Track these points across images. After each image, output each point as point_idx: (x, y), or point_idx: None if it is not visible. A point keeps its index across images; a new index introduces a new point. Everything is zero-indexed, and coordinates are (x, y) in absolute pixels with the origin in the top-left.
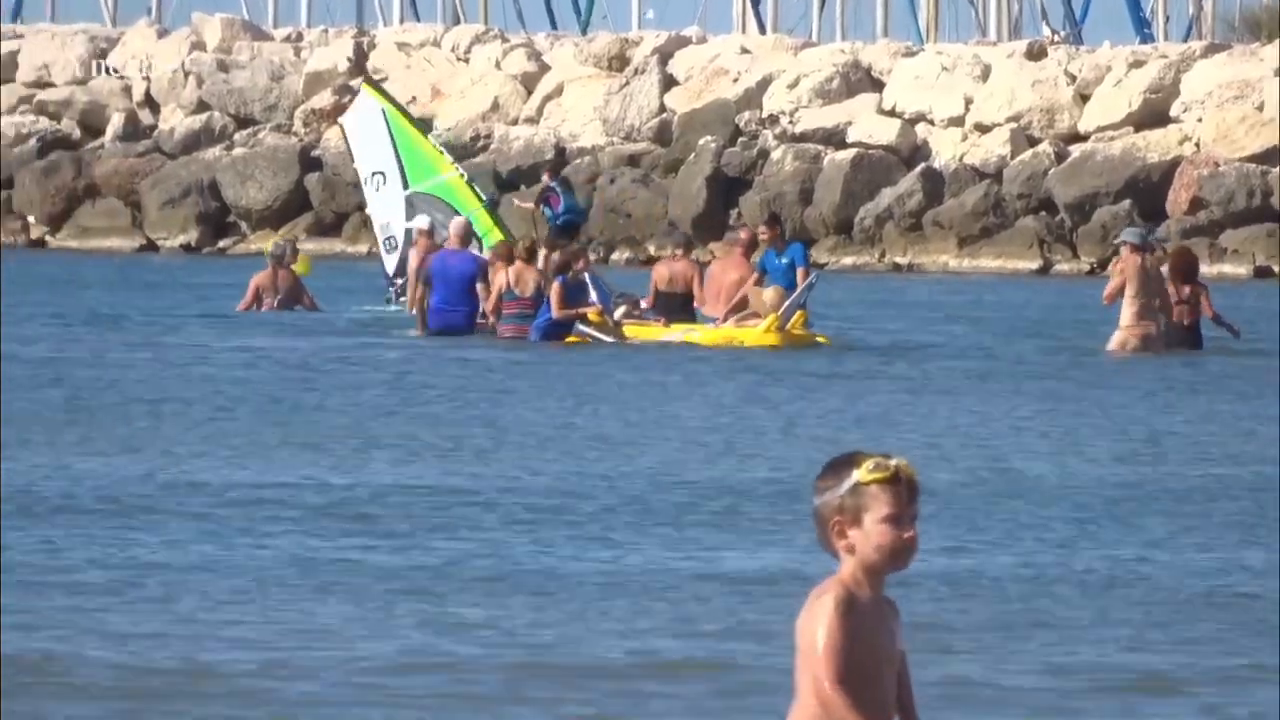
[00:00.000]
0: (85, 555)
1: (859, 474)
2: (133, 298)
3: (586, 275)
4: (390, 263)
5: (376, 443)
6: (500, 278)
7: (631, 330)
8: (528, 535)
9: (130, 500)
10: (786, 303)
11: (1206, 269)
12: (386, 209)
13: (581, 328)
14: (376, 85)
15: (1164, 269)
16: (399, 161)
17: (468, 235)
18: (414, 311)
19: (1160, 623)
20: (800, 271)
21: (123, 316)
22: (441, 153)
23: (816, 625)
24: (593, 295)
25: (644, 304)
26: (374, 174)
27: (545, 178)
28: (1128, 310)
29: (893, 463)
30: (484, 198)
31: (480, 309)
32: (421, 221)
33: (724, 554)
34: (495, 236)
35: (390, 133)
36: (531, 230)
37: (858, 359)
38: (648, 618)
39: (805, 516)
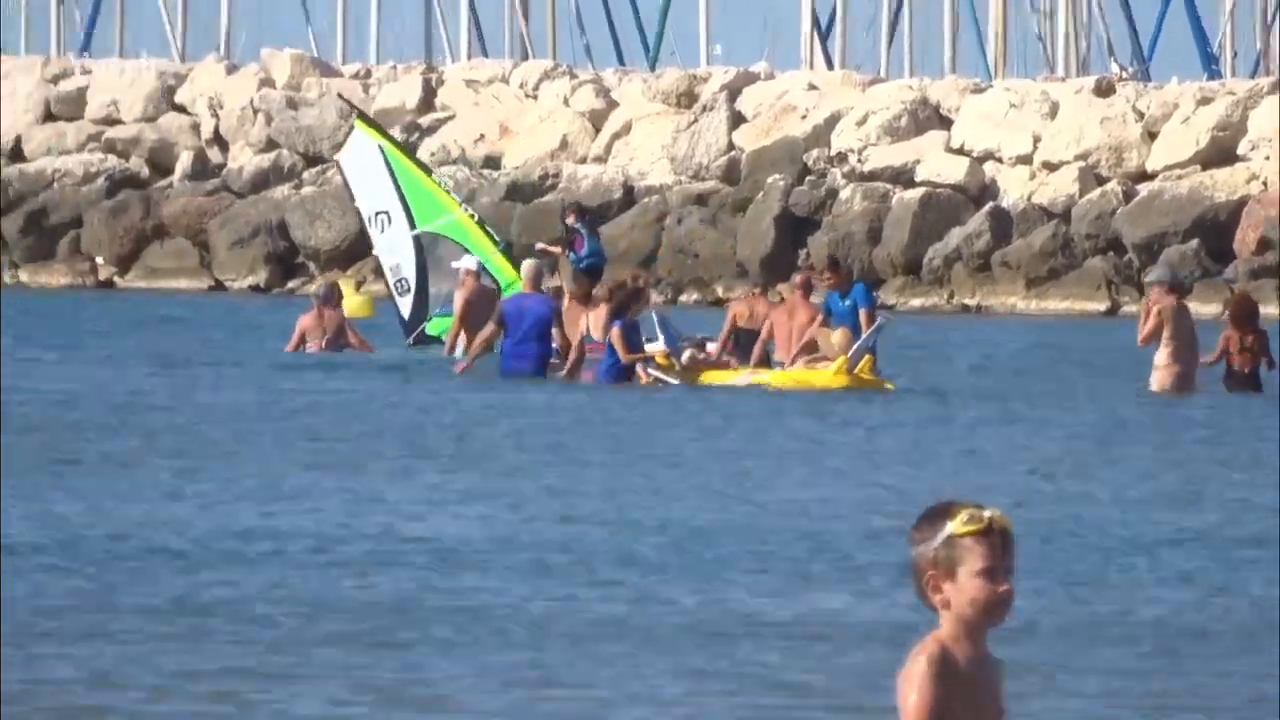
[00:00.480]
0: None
1: (953, 526)
2: (210, 336)
3: (654, 317)
4: (404, 305)
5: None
6: (583, 321)
7: (700, 374)
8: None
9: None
10: (855, 346)
11: (1275, 310)
12: (394, 250)
13: (650, 370)
14: (371, 122)
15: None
16: (403, 200)
17: (539, 278)
18: (457, 353)
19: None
20: (864, 313)
21: (196, 356)
22: (448, 191)
23: (910, 685)
24: (660, 337)
25: (711, 347)
26: (377, 214)
27: (570, 219)
28: (1163, 350)
29: (986, 514)
30: (499, 240)
31: (553, 352)
32: (469, 262)
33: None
34: (513, 278)
35: (391, 171)
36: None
37: (919, 402)
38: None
39: None
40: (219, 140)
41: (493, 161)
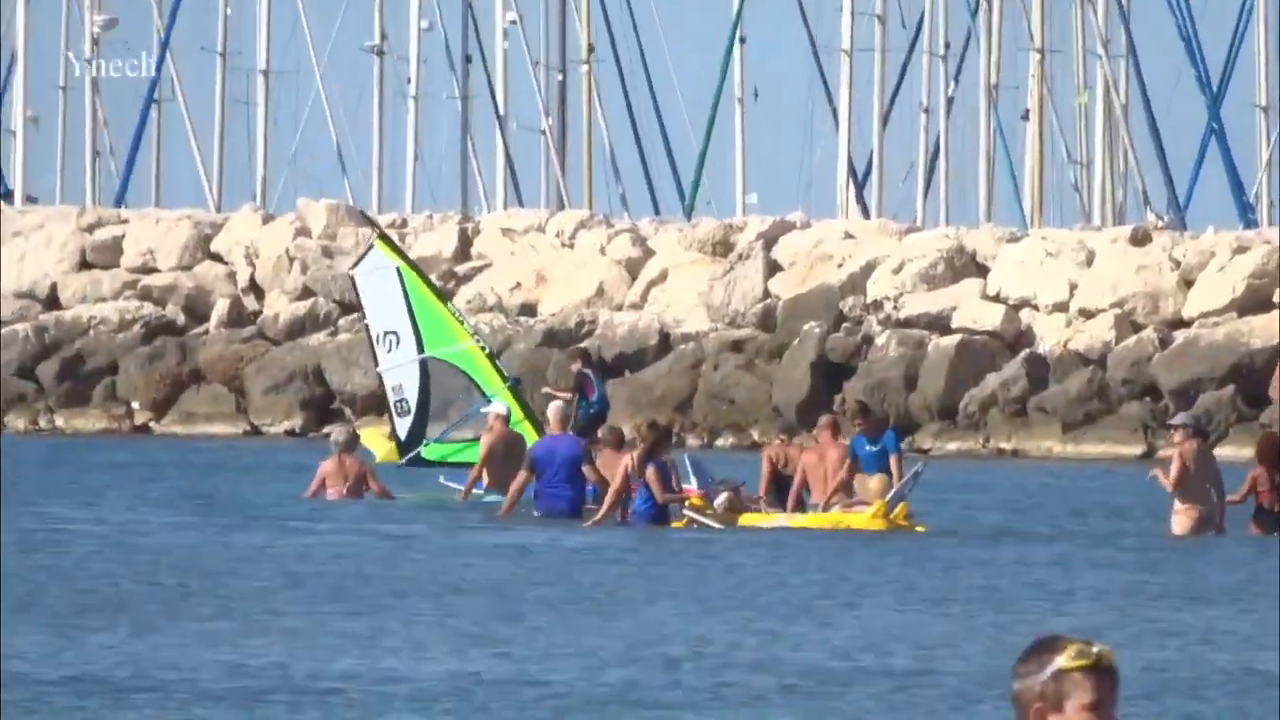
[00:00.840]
0: None
1: (1062, 660)
2: (241, 481)
3: (687, 459)
4: (402, 426)
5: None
6: (625, 461)
7: (736, 516)
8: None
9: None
10: (892, 493)
11: None
12: (399, 371)
13: (687, 512)
14: (390, 242)
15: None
16: (414, 324)
17: (566, 419)
18: (469, 489)
19: None
20: (894, 459)
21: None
22: (461, 321)
23: None
24: (693, 480)
25: (745, 491)
26: (386, 333)
27: (576, 365)
28: (1183, 494)
29: (1095, 649)
30: (507, 377)
31: (587, 494)
32: (499, 406)
33: None
34: (518, 417)
35: (405, 293)
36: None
37: (953, 547)
38: None
39: None
40: (255, 288)
41: (529, 309)
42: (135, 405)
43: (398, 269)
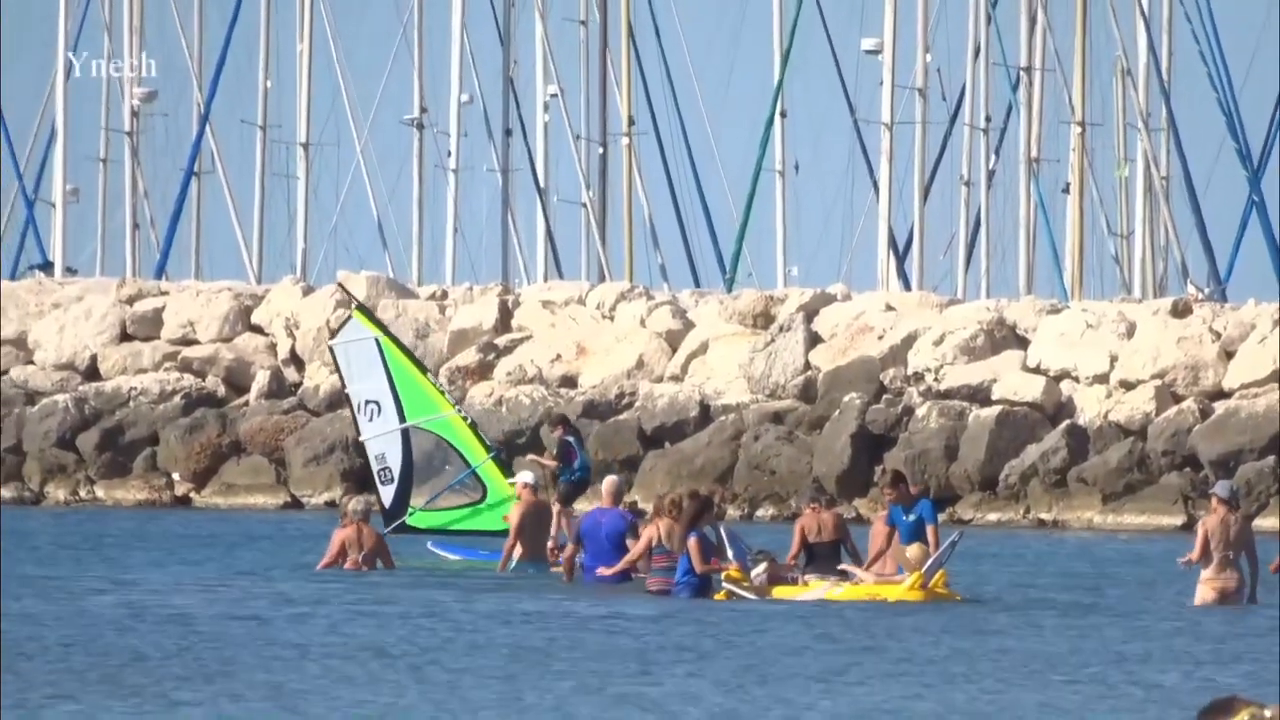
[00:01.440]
0: None
1: None
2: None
3: (722, 530)
4: (386, 495)
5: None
6: (650, 530)
7: (773, 588)
8: None
9: None
10: (929, 562)
11: None
12: (381, 440)
13: (726, 585)
14: (369, 313)
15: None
16: (394, 393)
17: (619, 494)
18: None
19: None
20: (930, 530)
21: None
22: (442, 392)
23: None
24: (729, 551)
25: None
26: (368, 403)
27: (559, 431)
28: (1210, 565)
29: (1268, 713)
30: (490, 447)
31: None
32: (526, 476)
33: None
34: (503, 488)
35: (385, 363)
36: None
37: (993, 616)
38: None
39: None
40: (295, 359)
41: (569, 381)
42: (175, 476)
43: (376, 340)
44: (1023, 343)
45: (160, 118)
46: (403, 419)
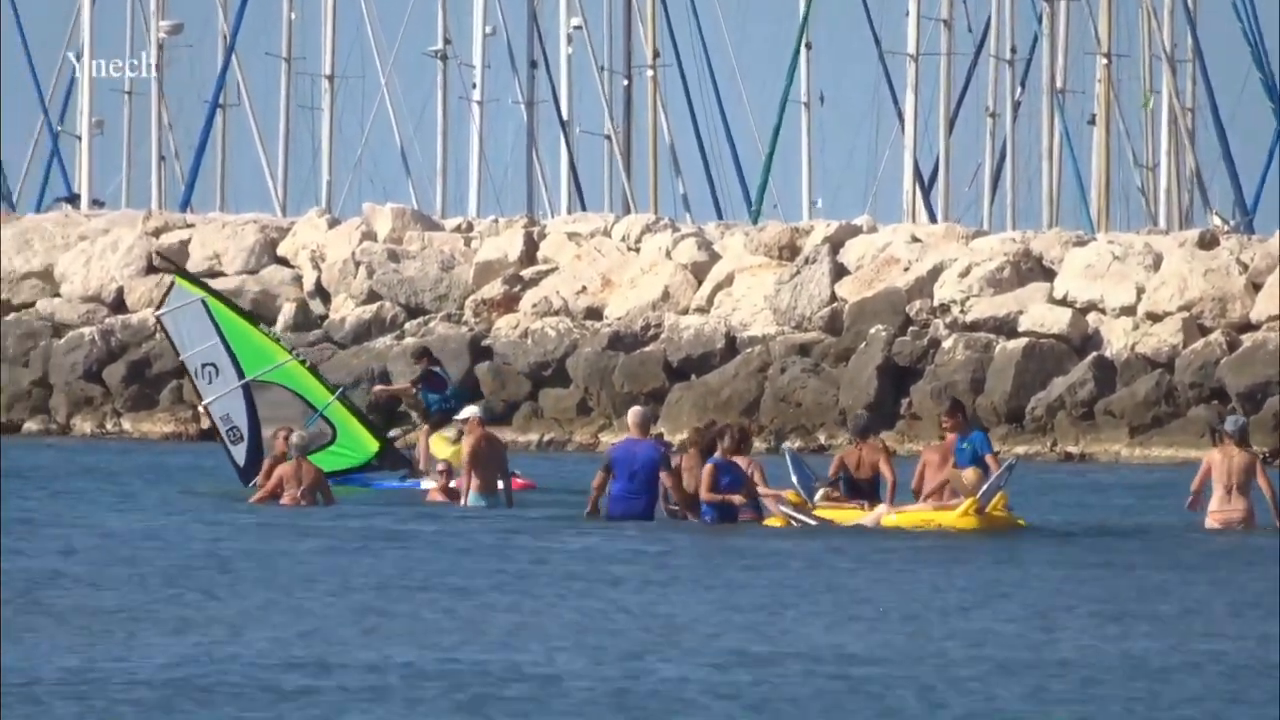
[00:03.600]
0: None
1: None
2: None
3: (789, 456)
4: (239, 454)
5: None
6: (688, 460)
7: (827, 513)
8: None
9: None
10: (985, 486)
11: None
12: (224, 400)
13: (782, 509)
14: (190, 276)
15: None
16: (230, 351)
17: (646, 424)
18: (471, 499)
19: None
20: (989, 458)
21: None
22: (276, 340)
23: None
24: (794, 477)
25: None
26: (204, 366)
27: (424, 363)
28: (1214, 497)
29: None
30: (334, 387)
31: (660, 497)
32: (472, 410)
33: None
34: (354, 427)
35: (215, 323)
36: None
37: (1052, 545)
38: None
39: None
40: (321, 292)
41: (594, 313)
42: (201, 409)
43: (202, 300)
44: (1049, 274)
45: (185, 49)
46: (241, 375)
